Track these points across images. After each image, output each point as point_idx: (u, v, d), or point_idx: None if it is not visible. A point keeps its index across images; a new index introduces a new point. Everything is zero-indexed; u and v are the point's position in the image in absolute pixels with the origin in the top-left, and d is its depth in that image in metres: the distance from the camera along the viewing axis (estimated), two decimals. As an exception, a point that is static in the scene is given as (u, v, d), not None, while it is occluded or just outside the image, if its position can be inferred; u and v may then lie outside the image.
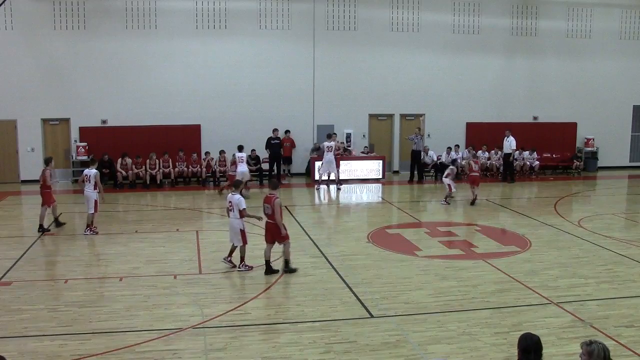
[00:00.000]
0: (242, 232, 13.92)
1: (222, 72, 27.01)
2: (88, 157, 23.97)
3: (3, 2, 21.31)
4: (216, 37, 26.93)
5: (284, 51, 27.55)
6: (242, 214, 13.76)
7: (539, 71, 29.80)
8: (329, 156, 24.32)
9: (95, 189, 17.53)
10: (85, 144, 26.30)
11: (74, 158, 26.55)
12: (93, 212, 17.51)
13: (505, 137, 26.79)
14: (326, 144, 24.65)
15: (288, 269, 13.79)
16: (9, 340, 10.27)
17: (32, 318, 11.21)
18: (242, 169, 22.77)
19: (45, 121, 26.68)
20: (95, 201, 17.51)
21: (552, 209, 21.10)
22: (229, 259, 14.27)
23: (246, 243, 14.01)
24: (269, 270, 13.69)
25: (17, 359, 9.50)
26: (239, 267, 14.04)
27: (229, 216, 14.13)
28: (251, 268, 14.00)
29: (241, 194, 15.59)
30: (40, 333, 10.53)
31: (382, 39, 28.18)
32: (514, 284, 13.10)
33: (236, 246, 14.07)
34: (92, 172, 17.55)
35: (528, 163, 28.57)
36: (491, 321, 10.99)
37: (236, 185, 15.00)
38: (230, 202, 14.02)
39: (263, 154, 26.53)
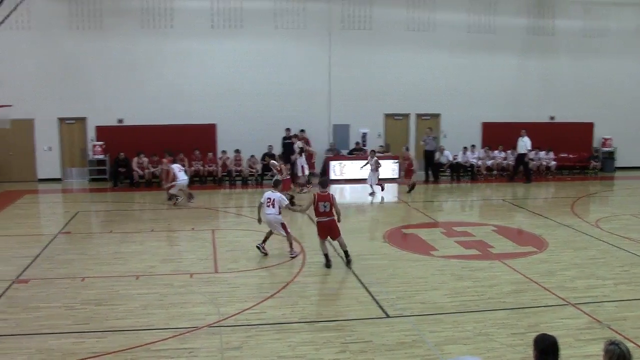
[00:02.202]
0: (283, 224, 14.84)
1: (238, 71, 27.06)
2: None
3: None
4: (232, 36, 26.97)
5: (300, 50, 27.57)
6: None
7: (555, 70, 29.63)
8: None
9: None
10: (102, 142, 26.46)
11: (90, 157, 26.70)
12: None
13: (520, 137, 26.66)
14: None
15: (349, 259, 14.26)
16: (26, 337, 10.32)
17: (49, 316, 11.26)
18: (182, 178, 21.97)
19: (62, 120, 26.86)
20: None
21: (569, 210, 20.97)
22: (263, 245, 15.08)
23: (289, 233, 14.98)
24: (330, 263, 14.19)
25: (35, 356, 9.54)
26: (290, 253, 15.03)
27: (265, 212, 14.90)
28: (266, 254, 14.99)
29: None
30: (57, 330, 10.58)
31: (397, 38, 28.13)
32: (531, 284, 13.01)
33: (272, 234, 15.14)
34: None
35: (544, 163, 28.42)
36: (508, 322, 10.91)
37: (276, 184, 15.62)
38: (270, 198, 14.81)
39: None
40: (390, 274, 13.79)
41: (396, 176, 26.84)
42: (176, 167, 21.81)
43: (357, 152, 27.54)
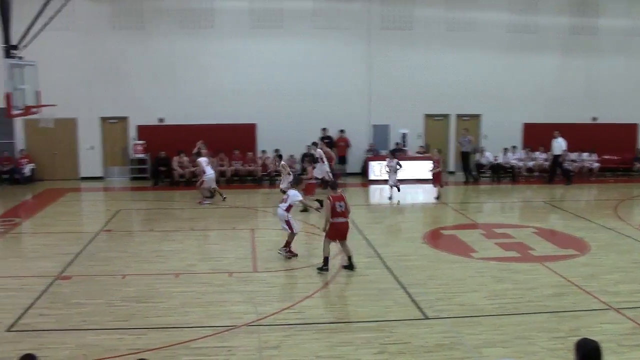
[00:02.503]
0: (288, 222, 14.79)
1: (277, 71, 27.13)
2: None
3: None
4: (271, 37, 27.05)
5: (340, 50, 27.53)
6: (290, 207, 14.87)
7: (598, 70, 29.11)
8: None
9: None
10: (143, 142, 26.75)
11: (131, 156, 27.03)
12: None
13: (554, 139, 26.29)
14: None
15: (351, 265, 13.98)
16: (67, 332, 10.47)
17: (90, 312, 11.41)
18: (211, 172, 22.21)
19: (104, 119, 27.21)
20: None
21: (612, 212, 20.57)
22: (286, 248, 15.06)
23: (293, 231, 14.84)
24: (327, 268, 13.82)
25: (76, 352, 9.67)
26: (279, 250, 14.93)
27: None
28: (295, 256, 14.83)
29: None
30: (97, 327, 10.72)
31: (437, 38, 27.93)
32: (572, 288, 12.82)
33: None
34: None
35: (587, 165, 27.99)
36: (548, 325, 10.77)
37: (297, 182, 15.84)
38: (287, 194, 15.11)
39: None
40: (429, 275, 13.70)
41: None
42: (203, 161, 21.97)
43: (397, 153, 27.40)
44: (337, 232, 13.85)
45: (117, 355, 9.55)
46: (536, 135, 28.35)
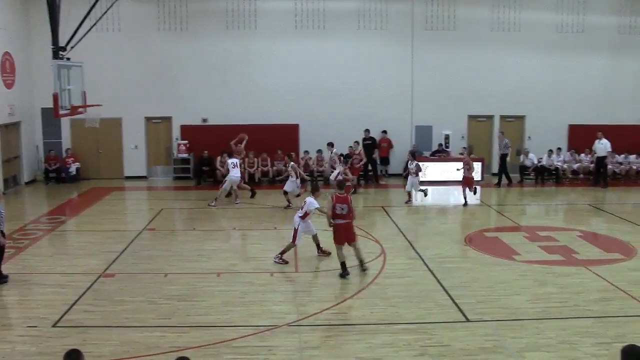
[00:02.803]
0: (295, 231, 14.49)
1: (321, 72, 27.17)
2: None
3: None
4: (315, 37, 27.09)
5: (382, 51, 27.44)
6: (306, 215, 14.55)
7: (647, 71, 28.54)
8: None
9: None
10: (186, 141, 26.99)
11: (175, 155, 27.29)
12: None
13: (598, 140, 25.81)
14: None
15: (364, 268, 13.80)
16: (111, 329, 10.61)
17: (133, 309, 11.55)
18: (235, 175, 21.95)
19: (148, 119, 27.53)
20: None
21: (660, 216, 20.19)
22: (319, 251, 15.02)
23: (294, 241, 14.52)
24: (346, 273, 13.60)
25: (119, 348, 9.79)
26: (274, 258, 14.57)
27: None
28: (286, 263, 14.44)
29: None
30: (140, 324, 10.84)
31: (482, 38, 27.65)
32: (618, 292, 12.57)
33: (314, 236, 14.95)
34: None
35: (634, 167, 27.45)
36: (593, 331, 10.58)
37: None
38: (305, 201, 14.74)
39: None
40: (471, 278, 13.58)
41: (478, 178, 26.31)
42: (230, 163, 22.03)
43: (440, 154, 27.24)
44: (339, 233, 13.64)
45: (158, 353, 9.64)
46: (582, 137, 27.82)
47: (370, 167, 26.78)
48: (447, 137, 28.11)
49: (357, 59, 27.32)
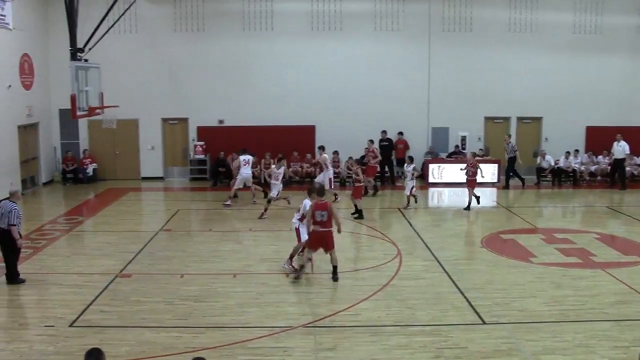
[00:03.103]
0: (297, 230, 14.18)
1: (337, 74, 27.16)
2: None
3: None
4: (331, 39, 27.09)
5: (399, 52, 27.40)
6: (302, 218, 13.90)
7: (667, 73, 28.28)
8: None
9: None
10: (203, 143, 27.07)
11: (191, 157, 27.39)
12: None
13: (617, 142, 25.61)
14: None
15: (336, 277, 13.47)
16: (127, 329, 10.67)
17: (150, 310, 11.61)
18: (246, 172, 22.05)
19: (165, 121, 27.64)
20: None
21: (679, 218, 20.02)
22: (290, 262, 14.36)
23: (300, 242, 14.06)
24: (299, 276, 13.47)
25: (136, 348, 9.84)
26: (283, 265, 14.18)
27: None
28: (295, 270, 13.78)
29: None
30: (157, 324, 10.89)
31: (498, 39, 27.53)
32: (636, 295, 12.48)
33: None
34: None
35: (649, 170, 27.24)
36: (610, 334, 10.51)
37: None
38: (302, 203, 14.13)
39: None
40: (487, 280, 13.54)
41: (495, 180, 26.21)
42: (242, 160, 22.09)
43: (456, 156, 27.15)
44: (314, 240, 13.33)
45: (174, 353, 9.68)
46: (600, 139, 27.64)
47: (387, 169, 26.76)
48: (463, 139, 28.02)
49: (373, 60, 27.29)
